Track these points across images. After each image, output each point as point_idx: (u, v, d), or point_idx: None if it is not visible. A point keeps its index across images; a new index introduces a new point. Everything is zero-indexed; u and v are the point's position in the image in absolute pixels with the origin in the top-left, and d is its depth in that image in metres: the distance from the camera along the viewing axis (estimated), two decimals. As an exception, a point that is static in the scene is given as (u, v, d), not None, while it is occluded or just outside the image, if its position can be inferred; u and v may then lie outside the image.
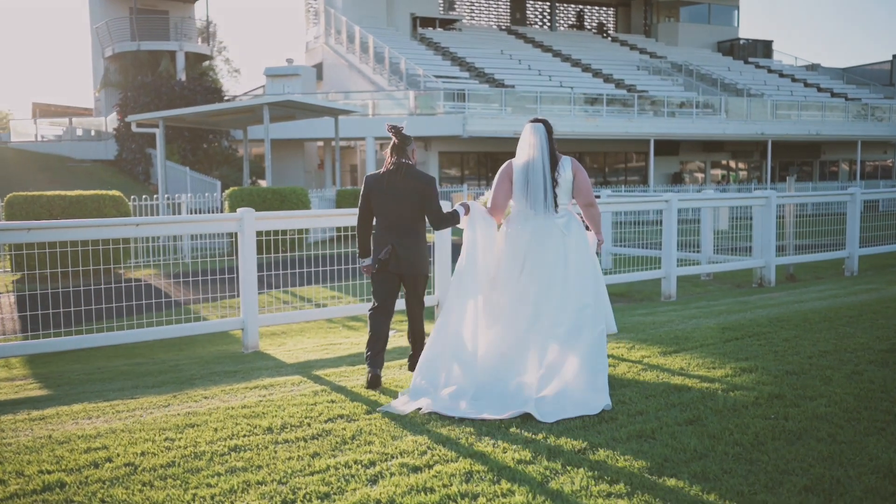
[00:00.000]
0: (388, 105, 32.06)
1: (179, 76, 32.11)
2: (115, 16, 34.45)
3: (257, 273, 6.94)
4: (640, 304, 10.34)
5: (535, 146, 5.17)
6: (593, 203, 5.50)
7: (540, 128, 5.23)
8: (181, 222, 6.58)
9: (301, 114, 20.24)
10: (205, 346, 7.51)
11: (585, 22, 50.37)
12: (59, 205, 11.87)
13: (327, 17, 40.07)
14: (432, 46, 38.94)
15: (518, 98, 31.68)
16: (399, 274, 5.41)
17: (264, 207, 15.30)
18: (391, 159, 5.37)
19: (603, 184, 34.55)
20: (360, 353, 6.60)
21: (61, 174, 27.87)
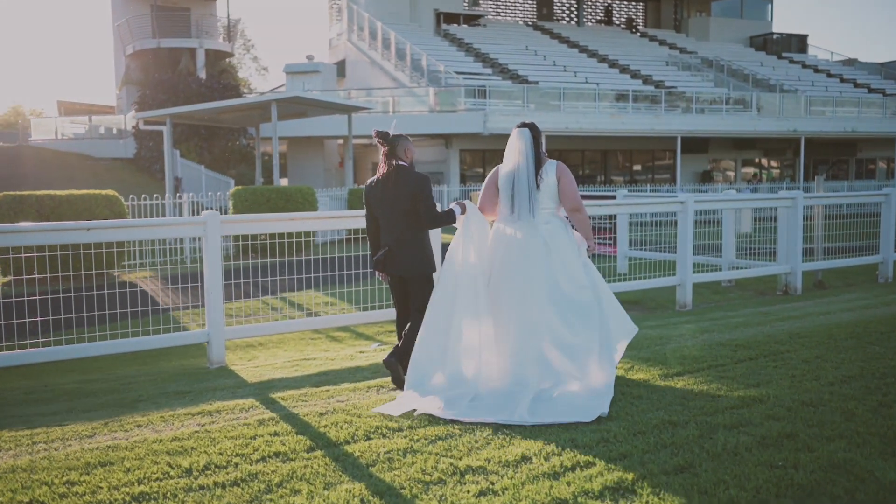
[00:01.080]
0: (410, 102, 31.47)
1: (199, 74, 31.83)
2: (136, 13, 34.28)
3: (253, 278, 6.41)
4: (652, 313, 9.63)
5: (521, 152, 5.18)
6: (579, 208, 5.37)
7: (526, 133, 5.25)
8: (137, 226, 6.03)
9: (313, 111, 19.73)
10: (172, 360, 6.97)
11: (614, 17, 49.37)
12: (49, 205, 11.43)
13: (350, 13, 39.61)
14: (455, 42, 38.29)
15: (542, 95, 30.91)
16: (400, 276, 5.42)
17: (268, 207, 14.80)
18: (383, 164, 5.35)
19: (630, 182, 33.66)
20: (331, 371, 6.01)
21: (80, 172, 27.69)
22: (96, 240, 5.85)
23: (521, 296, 5.01)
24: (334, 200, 18.87)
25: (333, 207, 18.92)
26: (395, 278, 5.48)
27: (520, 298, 5.00)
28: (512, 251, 5.13)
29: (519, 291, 5.02)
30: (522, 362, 4.88)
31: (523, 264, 5.07)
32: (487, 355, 4.98)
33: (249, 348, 7.50)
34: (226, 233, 6.37)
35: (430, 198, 5.27)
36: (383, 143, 5.34)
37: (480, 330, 4.99)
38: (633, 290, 9.56)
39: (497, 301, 5.07)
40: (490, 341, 5.00)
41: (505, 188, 5.21)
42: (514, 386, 4.79)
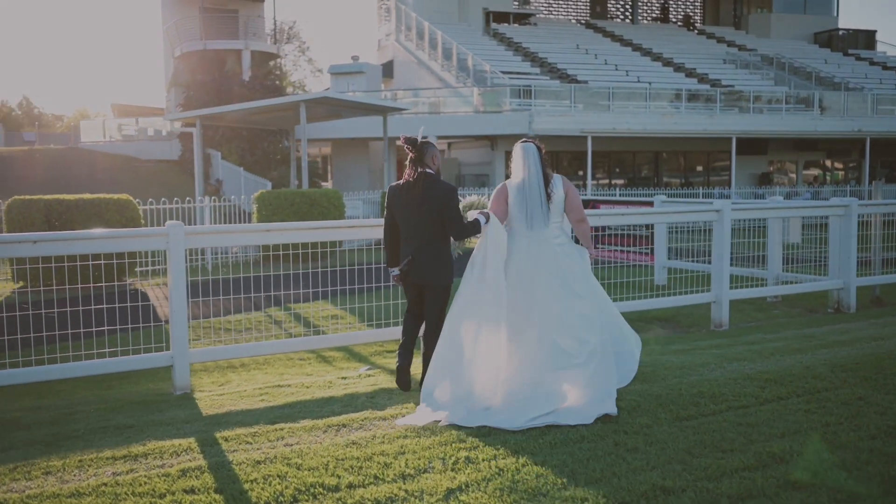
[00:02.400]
0: (455, 103, 30.81)
1: (245, 75, 31.70)
2: (184, 16, 34.38)
3: (264, 291, 5.81)
4: (685, 332, 8.75)
5: (529, 166, 5.27)
6: (584, 219, 5.59)
7: (532, 148, 5.35)
8: (92, 238, 5.47)
9: (348, 112, 19.21)
10: (140, 383, 6.41)
11: (670, 14, 47.91)
12: (57, 209, 11.08)
13: (398, 13, 39.14)
14: (504, 42, 37.49)
15: (591, 94, 29.89)
16: (419, 284, 5.43)
17: (292, 212, 14.29)
18: (410, 170, 5.37)
19: (685, 185, 32.32)
20: (299, 403, 5.36)
21: (124, 174, 27.78)
22: (44, 253, 5.30)
23: (541, 307, 5.12)
24: (367, 204, 18.31)
25: (366, 212, 18.36)
26: (413, 286, 5.49)
27: (540, 309, 5.11)
28: (530, 263, 5.23)
29: (539, 302, 5.13)
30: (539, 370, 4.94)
31: (542, 275, 5.18)
32: (505, 364, 4.99)
33: (229, 369, 6.90)
34: (192, 245, 5.77)
35: (457, 208, 5.29)
36: (411, 150, 5.36)
37: (501, 340, 5.02)
38: (663, 307, 8.70)
39: (516, 311, 5.13)
40: (510, 350, 5.04)
41: (518, 201, 5.28)
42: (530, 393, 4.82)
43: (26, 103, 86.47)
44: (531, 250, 5.24)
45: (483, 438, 4.36)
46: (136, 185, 26.62)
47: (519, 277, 5.20)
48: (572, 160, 31.77)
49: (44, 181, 24.77)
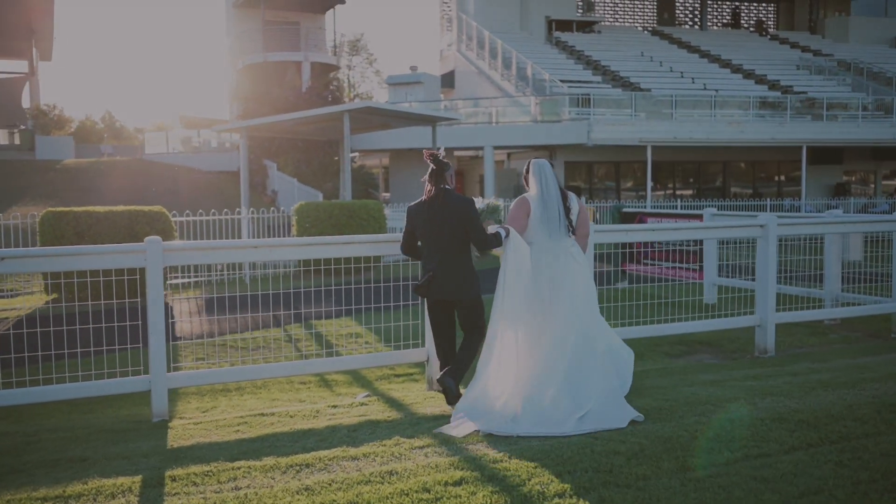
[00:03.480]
0: (514, 112, 30.28)
1: (304, 87, 31.82)
2: (247, 28, 34.80)
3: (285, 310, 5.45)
4: (729, 358, 8.02)
5: (547, 180, 5.51)
6: (588, 234, 5.88)
7: (546, 164, 5.62)
8: (65, 255, 5.17)
9: (395, 122, 18.90)
10: (123, 407, 6.08)
11: (742, 20, 46.39)
12: (86, 222, 10.99)
13: (459, 23, 38.87)
14: (566, 50, 36.80)
15: (653, 103, 28.98)
16: (445, 301, 5.43)
17: (330, 224, 13.99)
18: (430, 186, 5.40)
19: (754, 196, 30.99)
20: (273, 436, 4.94)
21: (183, 185, 28.12)
22: (10, 270, 5.02)
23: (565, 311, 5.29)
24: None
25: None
26: (437, 303, 5.47)
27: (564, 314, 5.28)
28: (553, 270, 5.39)
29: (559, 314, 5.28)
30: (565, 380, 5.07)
31: (565, 281, 5.37)
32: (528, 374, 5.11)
33: (222, 393, 6.53)
34: (170, 262, 5.41)
35: (479, 220, 5.36)
36: (435, 165, 5.36)
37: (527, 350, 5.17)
38: (702, 330, 7.99)
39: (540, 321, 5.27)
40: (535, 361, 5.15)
41: (538, 212, 5.43)
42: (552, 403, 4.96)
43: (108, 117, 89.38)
44: (553, 258, 5.43)
45: (454, 488, 3.84)
46: (194, 195, 26.92)
47: (542, 285, 5.36)
48: (630, 171, 30.83)
49: (105, 192, 25.21)
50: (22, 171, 29.12)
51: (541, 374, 5.09)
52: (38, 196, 24.48)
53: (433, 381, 6.25)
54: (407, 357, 6.37)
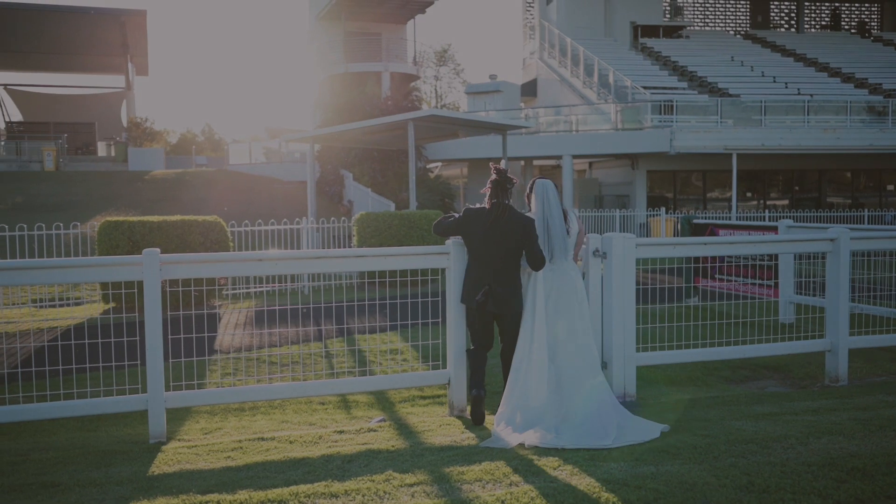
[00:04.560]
0: (595, 120, 29.50)
1: (385, 97, 31.87)
2: (329, 40, 35.17)
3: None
4: (796, 385, 7.24)
5: (550, 202, 5.59)
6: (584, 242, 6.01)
7: (550, 185, 5.68)
8: (53, 268, 4.97)
9: (464, 131, 18.52)
10: (126, 427, 5.84)
11: (842, 21, 44.09)
12: (140, 231, 11.00)
13: (542, 31, 38.30)
14: (652, 56, 35.73)
15: (742, 109, 27.68)
16: (495, 313, 5.53)
17: (389, 235, 13.71)
18: (493, 199, 5.51)
19: (854, 207, 29.20)
20: (262, 464, 4.58)
21: (260, 195, 28.51)
22: (9, 283, 4.85)
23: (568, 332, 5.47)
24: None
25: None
26: (487, 315, 5.54)
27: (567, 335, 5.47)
28: (553, 293, 5.51)
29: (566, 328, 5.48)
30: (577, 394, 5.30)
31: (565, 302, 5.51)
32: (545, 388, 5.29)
33: (234, 413, 6.22)
34: (169, 276, 5.15)
35: (537, 240, 5.45)
36: (501, 177, 5.52)
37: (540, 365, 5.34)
38: (767, 354, 7.25)
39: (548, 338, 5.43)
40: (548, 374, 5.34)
41: (543, 235, 5.51)
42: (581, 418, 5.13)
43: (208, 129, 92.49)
44: (554, 281, 5.52)
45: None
46: (272, 205, 27.24)
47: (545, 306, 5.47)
48: (715, 180, 29.49)
49: (185, 201, 25.77)
50: (114, 181, 30.15)
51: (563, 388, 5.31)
52: (124, 206, 25.19)
53: (454, 405, 5.81)
54: (426, 380, 5.94)
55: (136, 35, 36.68)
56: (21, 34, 36.67)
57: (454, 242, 5.78)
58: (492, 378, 6.60)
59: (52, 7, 33.39)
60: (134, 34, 36.46)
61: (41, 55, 41.32)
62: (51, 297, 12.87)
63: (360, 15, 34.32)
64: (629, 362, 6.21)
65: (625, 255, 6.17)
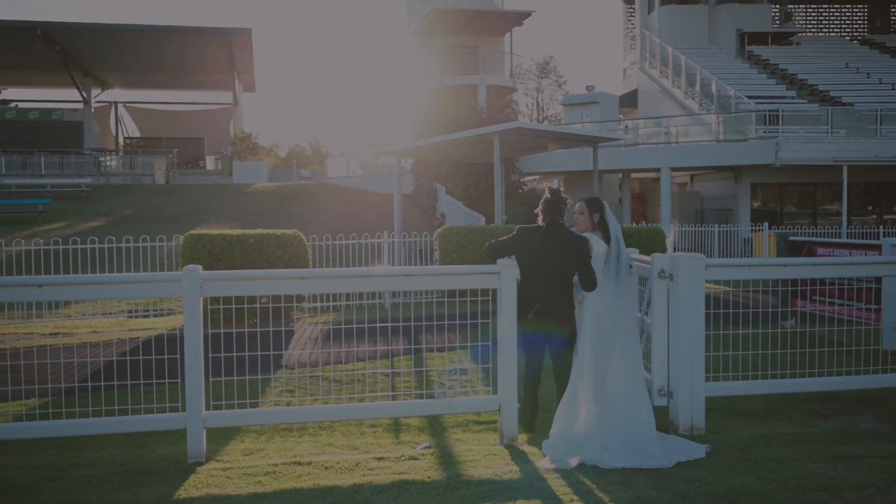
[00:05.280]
0: (697, 131, 28.49)
1: (480, 110, 31.76)
2: (427, 54, 35.42)
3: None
4: (893, 423, 6.57)
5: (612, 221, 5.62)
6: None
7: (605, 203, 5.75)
8: (99, 283, 4.98)
9: (554, 143, 18.13)
10: (175, 443, 5.79)
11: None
12: (220, 244, 11.16)
13: (643, 40, 37.40)
14: (760, 64, 34.28)
15: (857, 118, 26.11)
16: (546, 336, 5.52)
17: (471, 250, 13.47)
18: (546, 218, 5.55)
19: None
20: (288, 492, 4.42)
21: (355, 207, 28.86)
22: (49, 298, 4.89)
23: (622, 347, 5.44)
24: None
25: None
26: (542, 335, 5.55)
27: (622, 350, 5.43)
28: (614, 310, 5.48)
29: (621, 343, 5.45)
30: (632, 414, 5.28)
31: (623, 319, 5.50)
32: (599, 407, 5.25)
33: (282, 433, 6.08)
34: (210, 293, 5.07)
35: (591, 261, 5.46)
36: (555, 198, 5.55)
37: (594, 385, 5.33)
38: (860, 387, 6.60)
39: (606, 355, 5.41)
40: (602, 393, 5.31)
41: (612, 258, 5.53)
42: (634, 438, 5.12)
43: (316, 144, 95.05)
44: (616, 299, 5.50)
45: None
46: (365, 217, 27.51)
47: (605, 323, 5.46)
48: (825, 194, 27.87)
49: (281, 214, 26.35)
50: (218, 194, 31.21)
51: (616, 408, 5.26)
52: (224, 218, 25.97)
53: (504, 433, 5.50)
54: (475, 406, 5.66)
55: (243, 53, 37.93)
56: (138, 54, 38.55)
57: (505, 262, 5.50)
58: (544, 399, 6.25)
59: (165, 28, 34.97)
60: (240, 52, 37.70)
61: (156, 74, 43.39)
62: (145, 307, 13.27)
63: (456, 28, 34.42)
64: (697, 393, 5.75)
65: (693, 276, 5.73)
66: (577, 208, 5.71)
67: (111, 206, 28.12)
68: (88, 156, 37.59)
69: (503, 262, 5.51)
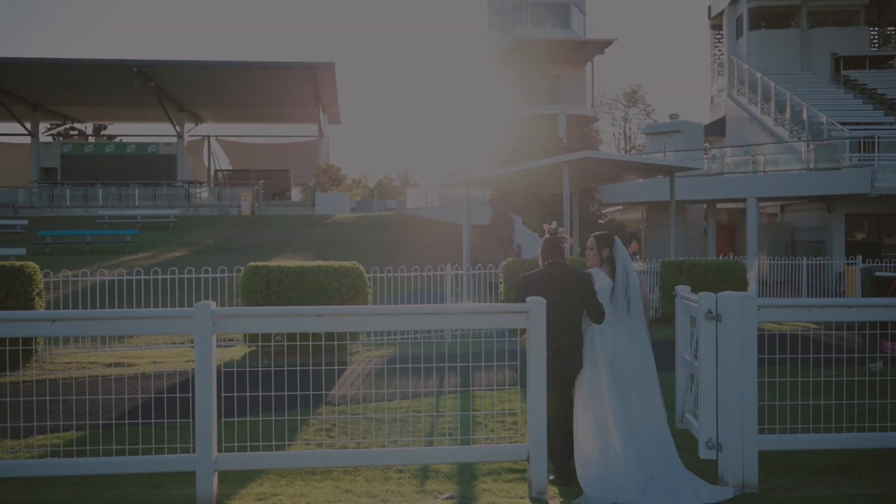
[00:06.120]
0: (786, 160, 27.28)
1: (560, 139, 31.36)
2: (506, 84, 35.33)
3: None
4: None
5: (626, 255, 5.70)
6: (648, 306, 5.96)
7: (618, 239, 5.79)
8: (109, 319, 4.86)
9: (627, 172, 17.56)
10: (177, 486, 5.59)
11: None
12: (276, 276, 11.10)
13: (731, 67, 36.33)
14: (856, 89, 32.73)
15: (964, 144, 24.52)
16: (565, 369, 5.50)
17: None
18: (547, 259, 5.69)
19: None
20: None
21: (432, 238, 28.78)
22: (61, 333, 4.82)
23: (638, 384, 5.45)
24: (644, 275, 16.37)
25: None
26: (557, 372, 5.46)
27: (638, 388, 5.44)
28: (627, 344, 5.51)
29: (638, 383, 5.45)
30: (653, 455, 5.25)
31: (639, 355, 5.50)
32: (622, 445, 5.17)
33: (302, 476, 5.81)
34: (223, 330, 4.89)
35: (595, 295, 5.49)
36: (554, 237, 5.67)
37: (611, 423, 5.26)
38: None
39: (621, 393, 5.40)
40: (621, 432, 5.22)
41: (621, 289, 5.57)
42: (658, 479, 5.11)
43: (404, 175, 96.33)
44: (628, 334, 5.53)
45: None
46: (441, 247, 27.39)
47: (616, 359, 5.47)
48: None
49: (358, 244, 26.50)
50: (299, 225, 31.70)
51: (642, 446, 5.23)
52: (300, 248, 26.27)
53: (532, 485, 5.10)
54: (502, 454, 5.27)
55: (327, 86, 38.67)
56: (227, 89, 39.84)
57: (534, 300, 5.14)
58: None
59: (252, 64, 36.00)
60: (324, 85, 38.46)
61: (245, 108, 44.78)
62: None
63: (536, 58, 34.23)
64: (748, 446, 5.22)
65: (743, 317, 5.24)
66: (588, 244, 5.83)
67: (196, 237, 28.88)
68: (179, 187, 38.90)
69: (532, 300, 5.16)
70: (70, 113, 47.73)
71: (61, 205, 36.88)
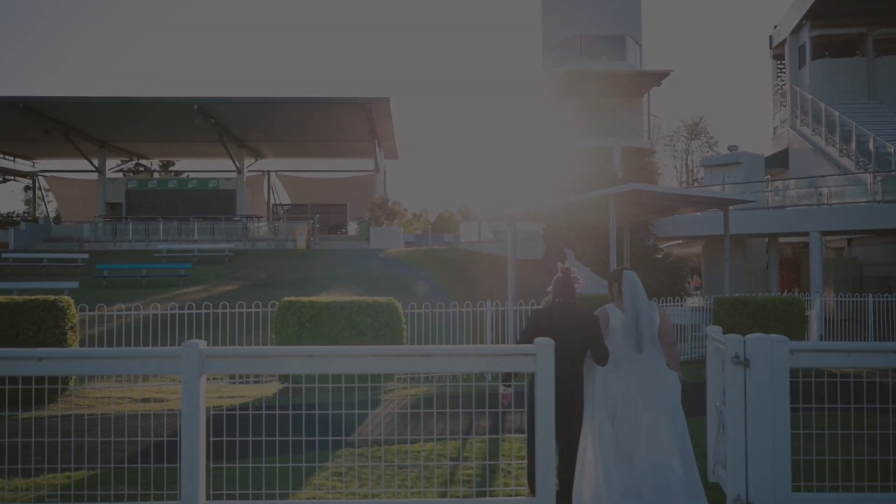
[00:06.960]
0: (852, 192, 26.21)
1: (616, 171, 30.82)
2: (561, 117, 34.99)
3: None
4: None
5: (639, 292, 5.59)
6: (674, 342, 5.78)
7: (636, 276, 5.68)
8: (96, 358, 4.66)
9: (679, 205, 16.97)
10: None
11: None
12: (309, 312, 10.93)
13: (793, 97, 35.35)
14: (926, 118, 31.40)
15: None
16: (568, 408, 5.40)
17: (577, 319, 12.60)
18: (558, 297, 5.71)
19: None
20: None
21: (483, 272, 28.47)
22: (48, 372, 4.64)
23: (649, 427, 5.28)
24: (697, 312, 15.73)
25: (696, 320, 15.79)
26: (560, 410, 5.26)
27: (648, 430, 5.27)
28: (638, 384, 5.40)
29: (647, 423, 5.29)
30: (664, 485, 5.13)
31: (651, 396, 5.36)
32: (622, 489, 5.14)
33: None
34: (212, 370, 4.66)
35: (601, 336, 5.48)
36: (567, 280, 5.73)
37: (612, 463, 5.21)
38: None
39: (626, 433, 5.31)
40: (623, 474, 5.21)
41: (629, 325, 5.52)
42: None
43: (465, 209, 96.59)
44: (640, 373, 5.44)
45: None
46: (486, 280, 27.05)
47: (627, 398, 5.38)
48: None
49: (404, 277, 26.31)
50: (352, 259, 31.74)
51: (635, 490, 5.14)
52: (351, 282, 26.21)
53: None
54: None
55: (383, 121, 38.93)
56: (284, 125, 40.47)
57: (542, 342, 4.78)
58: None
59: (308, 100, 36.47)
60: (380, 120, 38.73)
61: (303, 143, 45.42)
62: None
63: (591, 91, 33.84)
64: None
65: (774, 363, 4.77)
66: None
67: (249, 271, 29.12)
68: (237, 222, 39.49)
69: (540, 342, 4.79)
70: (135, 149, 49.13)
71: (124, 239, 37.77)
